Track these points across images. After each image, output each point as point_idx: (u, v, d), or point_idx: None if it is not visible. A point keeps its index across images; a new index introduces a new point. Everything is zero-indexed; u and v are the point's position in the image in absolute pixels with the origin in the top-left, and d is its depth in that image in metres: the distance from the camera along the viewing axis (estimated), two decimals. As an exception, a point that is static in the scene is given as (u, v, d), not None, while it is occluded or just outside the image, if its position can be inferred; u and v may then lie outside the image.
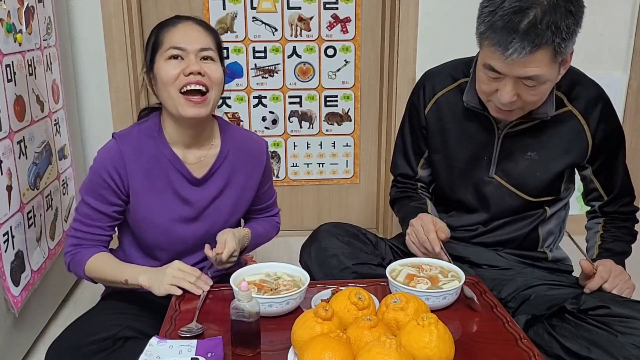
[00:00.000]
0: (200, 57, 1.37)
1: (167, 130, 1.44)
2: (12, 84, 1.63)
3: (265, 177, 1.59)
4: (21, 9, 1.70)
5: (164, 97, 1.38)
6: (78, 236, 1.45)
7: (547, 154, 1.47)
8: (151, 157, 1.42)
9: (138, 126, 1.46)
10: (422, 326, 1.03)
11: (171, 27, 1.39)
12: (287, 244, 2.50)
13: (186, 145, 1.45)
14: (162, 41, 1.38)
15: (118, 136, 1.43)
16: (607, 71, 2.55)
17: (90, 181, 1.42)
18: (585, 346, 1.27)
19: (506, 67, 1.29)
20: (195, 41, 1.37)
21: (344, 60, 2.59)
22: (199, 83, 1.36)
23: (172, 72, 1.35)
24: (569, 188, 1.57)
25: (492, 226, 1.56)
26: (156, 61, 1.39)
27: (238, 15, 2.50)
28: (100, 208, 1.42)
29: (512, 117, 1.43)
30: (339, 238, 1.54)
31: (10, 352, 1.63)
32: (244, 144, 1.53)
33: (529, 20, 1.23)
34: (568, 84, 1.46)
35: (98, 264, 1.42)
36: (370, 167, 2.74)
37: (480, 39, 1.33)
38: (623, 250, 1.50)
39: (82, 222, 1.44)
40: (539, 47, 1.24)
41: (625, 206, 1.54)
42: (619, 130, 1.51)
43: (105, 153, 1.42)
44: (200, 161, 1.47)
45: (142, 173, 1.41)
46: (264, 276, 1.34)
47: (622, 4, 2.48)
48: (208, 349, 1.08)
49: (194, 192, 1.46)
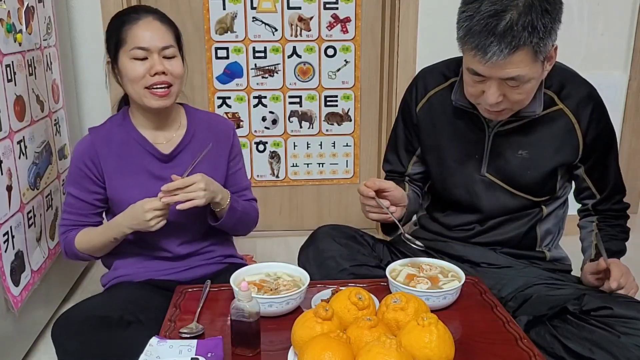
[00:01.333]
0: (163, 55, 1.46)
1: (136, 117, 1.56)
2: (12, 84, 1.63)
3: (234, 155, 1.65)
4: (21, 9, 1.70)
5: (130, 91, 1.49)
6: (66, 224, 1.57)
7: (537, 153, 1.47)
8: (121, 142, 1.54)
9: (110, 119, 1.60)
10: (422, 326, 1.03)
11: (133, 24, 1.45)
12: (287, 244, 2.50)
13: (155, 128, 1.56)
14: (125, 39, 1.45)
15: (91, 129, 1.57)
16: (607, 71, 2.55)
17: (70, 173, 1.56)
18: (587, 347, 1.27)
19: (488, 70, 1.30)
20: (157, 39, 1.45)
21: (344, 60, 2.59)
22: (164, 82, 1.46)
23: (138, 72, 1.45)
24: (566, 187, 1.57)
25: (489, 225, 1.56)
26: (120, 58, 1.47)
27: (238, 15, 2.50)
28: (81, 197, 1.54)
29: (502, 116, 1.43)
30: (337, 240, 1.55)
31: (10, 352, 1.63)
32: (211, 123, 1.63)
33: (505, 23, 1.24)
34: (559, 82, 1.46)
35: (85, 236, 1.54)
36: (370, 167, 2.74)
37: (461, 43, 1.34)
38: (619, 249, 1.50)
39: (68, 211, 1.56)
40: (517, 49, 1.25)
41: (617, 204, 1.54)
42: (610, 129, 1.51)
43: (80, 145, 1.55)
44: (168, 141, 1.56)
45: (113, 158, 1.52)
46: (264, 276, 1.34)
47: (622, 4, 2.48)
48: (208, 349, 1.08)
49: (164, 169, 1.53)
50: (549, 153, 1.47)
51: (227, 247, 1.66)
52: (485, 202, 1.53)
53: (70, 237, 1.55)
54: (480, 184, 1.53)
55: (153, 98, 1.46)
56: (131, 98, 1.52)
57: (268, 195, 2.72)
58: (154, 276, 1.53)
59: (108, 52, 1.51)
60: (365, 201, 1.43)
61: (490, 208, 1.54)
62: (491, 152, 1.50)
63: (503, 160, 1.50)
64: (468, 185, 1.54)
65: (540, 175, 1.49)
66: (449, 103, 1.51)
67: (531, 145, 1.47)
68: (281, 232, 2.74)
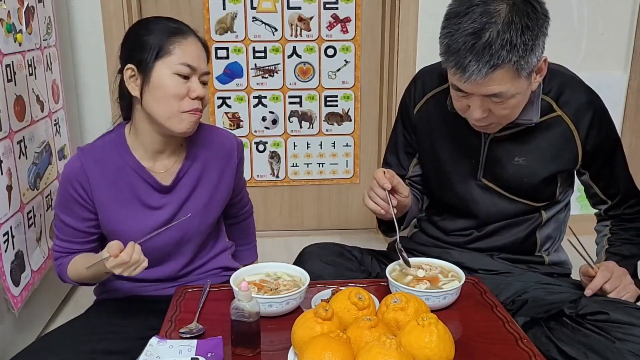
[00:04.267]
0: (201, 81, 1.36)
1: (135, 139, 1.41)
2: (12, 84, 1.63)
3: (240, 172, 1.57)
4: (21, 9, 1.70)
5: (158, 109, 1.33)
6: (58, 250, 1.44)
7: (534, 160, 1.45)
8: (116, 168, 1.39)
9: (102, 138, 1.44)
10: (422, 326, 1.03)
11: (182, 37, 1.33)
12: (287, 244, 2.50)
13: (156, 153, 1.42)
14: (172, 51, 1.32)
15: (81, 150, 1.41)
16: (607, 71, 2.55)
17: (60, 197, 1.40)
18: (582, 351, 1.26)
19: (469, 87, 1.29)
20: (202, 62, 1.36)
21: (344, 60, 2.59)
22: (197, 109, 1.36)
23: (181, 89, 1.32)
24: (567, 191, 1.55)
25: (487, 231, 1.54)
26: (157, 68, 1.32)
27: (238, 15, 2.50)
28: (73, 224, 1.40)
29: (491, 130, 1.42)
30: (323, 259, 1.52)
31: (10, 352, 1.63)
32: (214, 141, 1.50)
33: (484, 42, 1.22)
34: (557, 87, 1.44)
35: (75, 265, 1.40)
36: (370, 167, 2.74)
37: (442, 60, 1.32)
38: (632, 253, 1.47)
39: (60, 237, 1.43)
40: (496, 67, 1.23)
41: (630, 208, 1.51)
42: (613, 135, 1.48)
43: (68, 167, 1.39)
44: (167, 170, 1.43)
45: (107, 185, 1.38)
46: (264, 276, 1.34)
47: (622, 4, 2.48)
48: (208, 349, 1.08)
49: (162, 200, 1.42)
50: (546, 160, 1.45)
51: (223, 259, 1.57)
52: (482, 207, 1.52)
53: (62, 264, 1.43)
54: (477, 189, 1.51)
55: (185, 123, 1.34)
56: (150, 116, 1.36)
57: (268, 195, 2.72)
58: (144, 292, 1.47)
59: (130, 59, 1.35)
60: (375, 189, 1.39)
61: (487, 213, 1.52)
62: (487, 158, 1.48)
63: (499, 166, 1.48)
64: (464, 190, 1.53)
65: (537, 183, 1.46)
66: (446, 106, 1.50)
67: (528, 152, 1.45)
68: (281, 232, 2.74)
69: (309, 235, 2.58)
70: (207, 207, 1.48)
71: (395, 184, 1.40)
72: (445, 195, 1.57)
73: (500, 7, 1.23)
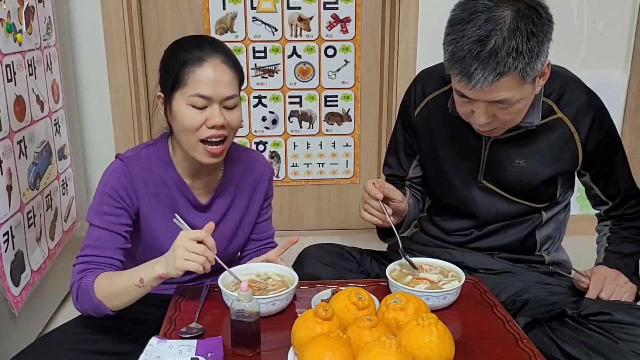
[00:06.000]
0: (224, 106, 1.31)
1: (177, 157, 1.41)
2: (12, 84, 1.63)
3: (267, 203, 1.55)
4: (21, 9, 1.70)
5: (182, 139, 1.33)
6: (86, 261, 1.32)
7: (535, 162, 1.45)
8: (160, 180, 1.39)
9: (146, 149, 1.41)
10: (422, 326, 1.03)
11: (196, 66, 1.28)
12: (287, 244, 2.50)
13: (196, 171, 1.42)
14: (186, 82, 1.28)
15: (125, 158, 1.38)
16: (607, 71, 2.54)
17: (99, 204, 1.34)
18: (585, 352, 1.26)
19: (474, 94, 1.28)
20: (222, 88, 1.29)
21: (344, 60, 2.59)
22: (220, 136, 1.31)
23: (195, 122, 1.29)
24: (567, 192, 1.55)
25: (487, 231, 1.54)
26: (175, 99, 1.30)
27: (238, 15, 2.50)
28: (111, 228, 1.33)
29: (495, 134, 1.42)
30: (322, 261, 1.52)
31: (10, 352, 1.63)
32: (249, 165, 1.50)
33: (490, 49, 1.21)
34: (558, 89, 1.44)
35: (106, 278, 1.28)
36: (370, 167, 2.74)
37: (447, 66, 1.31)
38: (632, 251, 1.47)
39: (92, 246, 1.33)
40: (502, 75, 1.22)
41: (630, 208, 1.51)
42: (614, 136, 1.48)
43: (114, 174, 1.35)
44: (204, 187, 1.43)
45: (151, 196, 1.38)
46: (254, 276, 1.34)
47: (622, 4, 2.48)
48: (208, 349, 1.08)
49: (198, 218, 1.41)
50: (546, 163, 1.45)
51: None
52: (481, 208, 1.52)
53: (88, 281, 1.28)
54: (478, 191, 1.52)
55: (205, 155, 1.31)
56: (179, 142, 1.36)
57: (268, 195, 2.72)
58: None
59: (161, 87, 1.34)
60: (369, 200, 1.40)
61: (487, 214, 1.52)
62: (488, 160, 1.48)
63: (500, 168, 1.48)
64: (464, 191, 1.53)
65: (538, 184, 1.46)
66: (447, 108, 1.49)
67: (528, 155, 1.45)
68: (281, 232, 2.72)
69: (309, 235, 2.57)
70: (237, 229, 1.49)
71: (387, 192, 1.41)
72: (446, 196, 1.57)
73: (505, 13, 1.22)
